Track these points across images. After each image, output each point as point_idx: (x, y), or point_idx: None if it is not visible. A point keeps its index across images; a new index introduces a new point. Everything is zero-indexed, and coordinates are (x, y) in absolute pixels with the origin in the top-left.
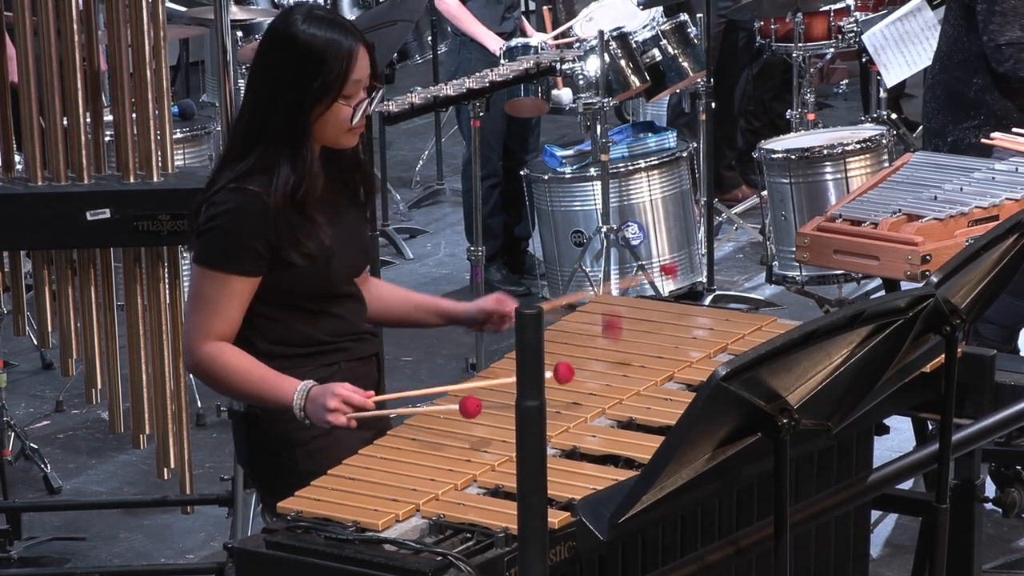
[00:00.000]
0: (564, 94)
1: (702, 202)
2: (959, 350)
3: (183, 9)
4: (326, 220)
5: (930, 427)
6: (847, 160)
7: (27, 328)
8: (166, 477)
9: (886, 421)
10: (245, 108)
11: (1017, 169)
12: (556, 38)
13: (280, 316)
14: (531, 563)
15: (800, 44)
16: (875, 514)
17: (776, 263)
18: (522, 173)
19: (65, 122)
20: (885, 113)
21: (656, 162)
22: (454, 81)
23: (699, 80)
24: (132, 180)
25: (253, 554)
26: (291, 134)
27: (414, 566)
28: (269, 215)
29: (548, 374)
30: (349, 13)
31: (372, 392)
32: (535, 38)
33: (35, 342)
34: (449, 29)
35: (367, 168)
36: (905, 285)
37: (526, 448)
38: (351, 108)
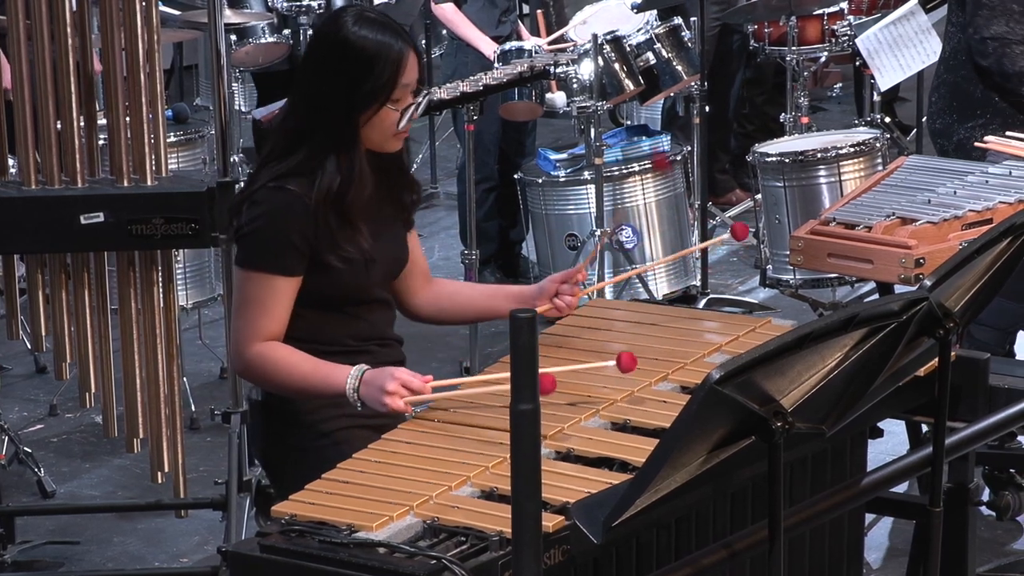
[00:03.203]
0: (558, 97)
1: (696, 205)
2: (953, 353)
3: (177, 13)
4: (368, 226)
5: (924, 430)
6: (841, 164)
7: (21, 332)
8: (160, 481)
9: (880, 424)
10: (294, 108)
11: (1011, 172)
12: (551, 42)
13: (308, 314)
14: (525, 566)
15: (794, 48)
16: (869, 517)
17: (770, 266)
18: (516, 177)
19: (59, 126)
20: (879, 117)
21: (650, 165)
22: (448, 84)
23: (693, 83)
24: (126, 184)
25: (247, 557)
26: (340, 137)
27: (408, 569)
28: (309, 215)
29: (611, 363)
30: None
31: (430, 376)
32: (529, 42)
33: (29, 346)
34: (444, 33)
35: (411, 174)
36: (899, 288)
37: (520, 452)
38: (399, 112)
